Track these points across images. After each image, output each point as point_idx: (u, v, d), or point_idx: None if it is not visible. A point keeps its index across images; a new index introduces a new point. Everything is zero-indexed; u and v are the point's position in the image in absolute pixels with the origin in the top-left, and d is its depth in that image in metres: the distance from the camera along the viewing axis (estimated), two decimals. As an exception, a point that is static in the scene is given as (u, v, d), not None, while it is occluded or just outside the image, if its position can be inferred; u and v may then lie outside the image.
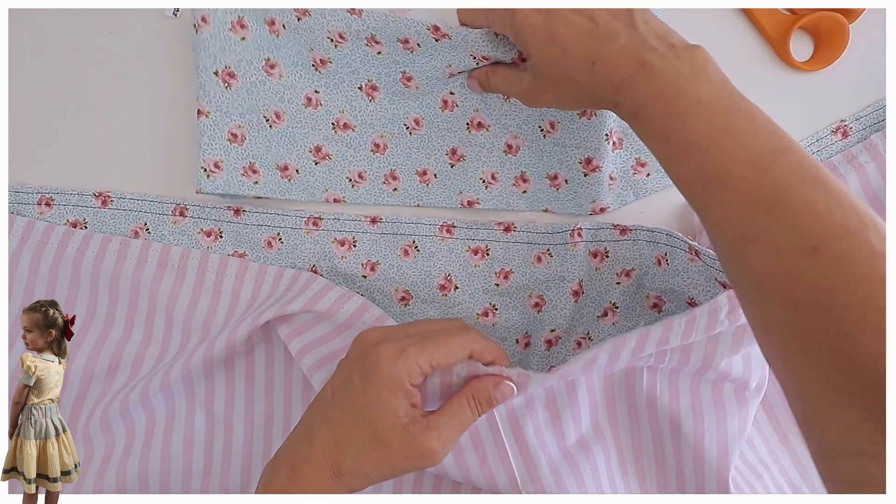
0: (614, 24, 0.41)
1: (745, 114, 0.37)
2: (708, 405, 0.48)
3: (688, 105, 0.38)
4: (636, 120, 0.40)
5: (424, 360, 0.40)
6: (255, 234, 0.54)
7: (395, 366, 0.39)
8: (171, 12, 0.55)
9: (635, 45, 0.40)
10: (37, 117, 0.55)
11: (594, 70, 0.41)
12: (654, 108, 0.39)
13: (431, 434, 0.40)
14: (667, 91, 0.38)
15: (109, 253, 0.53)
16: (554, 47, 0.42)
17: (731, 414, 0.48)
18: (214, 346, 0.50)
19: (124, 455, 0.52)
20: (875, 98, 0.55)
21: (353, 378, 0.40)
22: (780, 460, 0.52)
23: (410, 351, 0.39)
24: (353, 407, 0.40)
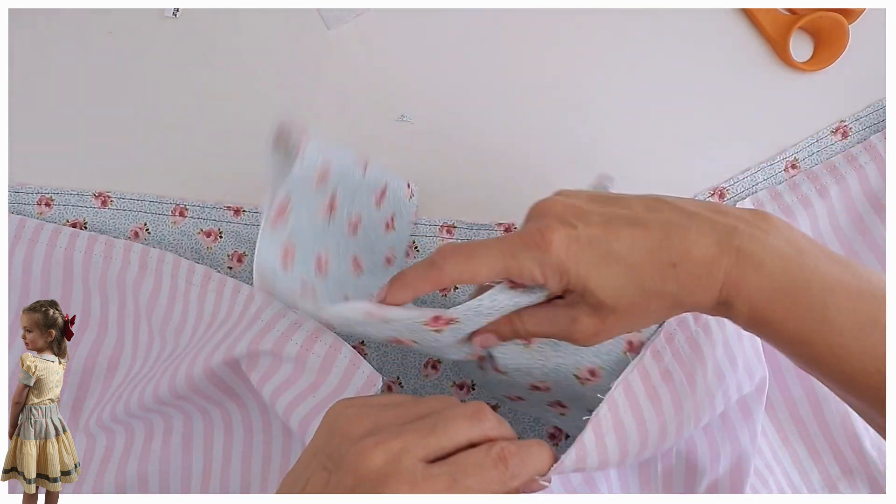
0: (669, 212, 0.35)
1: (867, 280, 0.33)
2: (721, 435, 0.46)
3: (824, 300, 0.32)
4: (757, 325, 0.34)
5: (424, 454, 0.31)
6: (255, 234, 0.54)
7: (385, 469, 0.30)
8: (171, 12, 0.55)
9: (717, 233, 0.34)
10: (37, 117, 0.55)
11: (678, 273, 0.34)
12: (781, 311, 0.33)
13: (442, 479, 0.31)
14: (792, 286, 0.33)
15: (114, 257, 0.53)
16: (614, 266, 0.34)
17: (741, 431, 0.46)
18: (195, 368, 0.47)
19: (124, 455, 0.52)
20: (875, 98, 0.55)
21: (329, 483, 0.31)
22: (782, 461, 0.52)
23: (444, 477, 0.30)
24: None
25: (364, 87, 0.56)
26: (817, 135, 0.55)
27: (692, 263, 0.33)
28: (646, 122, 0.55)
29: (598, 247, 0.34)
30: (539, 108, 0.55)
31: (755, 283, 0.33)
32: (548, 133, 0.55)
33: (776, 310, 0.33)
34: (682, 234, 0.34)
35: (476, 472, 0.30)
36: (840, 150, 0.54)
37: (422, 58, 0.56)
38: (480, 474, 0.30)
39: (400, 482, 0.30)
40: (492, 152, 0.55)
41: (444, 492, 0.30)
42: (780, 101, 0.55)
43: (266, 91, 0.56)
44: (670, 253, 0.34)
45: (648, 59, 0.56)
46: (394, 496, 0.40)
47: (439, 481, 0.30)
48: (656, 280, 0.34)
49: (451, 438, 0.32)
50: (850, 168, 0.53)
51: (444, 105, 0.55)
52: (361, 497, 0.34)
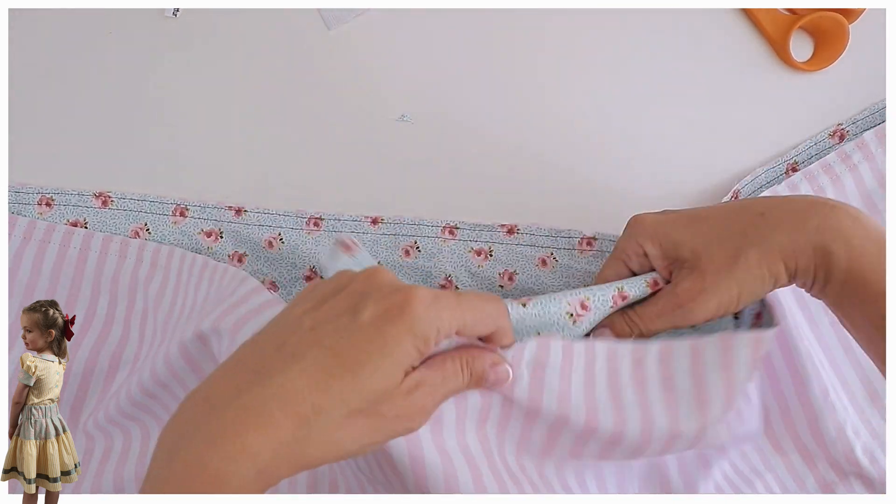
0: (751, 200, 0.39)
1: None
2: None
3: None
4: (852, 278, 0.36)
5: (457, 317, 0.32)
6: (255, 235, 0.54)
7: (428, 313, 0.30)
8: (171, 12, 0.55)
9: (791, 197, 0.38)
10: (37, 117, 0.55)
11: (768, 218, 0.37)
12: (873, 255, 0.35)
13: (424, 391, 0.32)
14: (877, 236, 0.35)
15: (111, 253, 0.53)
16: (701, 224, 0.39)
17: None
18: (171, 347, 0.47)
19: (123, 455, 0.52)
20: (875, 98, 0.55)
21: (359, 312, 0.31)
22: (774, 468, 0.52)
23: (445, 303, 0.31)
24: (350, 348, 0.30)
25: (364, 87, 0.56)
26: (815, 138, 0.55)
27: (781, 210, 0.36)
28: (646, 122, 0.55)
29: (684, 216, 0.40)
30: (539, 108, 0.55)
31: (849, 228, 0.35)
32: (547, 133, 0.55)
33: (871, 257, 0.34)
34: (764, 198, 0.38)
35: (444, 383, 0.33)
36: (836, 153, 0.54)
37: (422, 58, 0.56)
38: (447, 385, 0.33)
39: (422, 288, 0.31)
40: (492, 152, 0.55)
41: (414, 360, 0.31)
42: (780, 101, 0.55)
43: (266, 91, 0.56)
44: (756, 206, 0.37)
45: (648, 59, 0.56)
46: (391, 496, 0.40)
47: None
48: (747, 228, 0.36)
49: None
50: (844, 168, 0.53)
51: (444, 105, 0.55)
52: (360, 497, 0.34)
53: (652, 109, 0.55)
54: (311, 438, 0.29)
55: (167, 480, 0.28)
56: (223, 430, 0.28)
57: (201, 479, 0.27)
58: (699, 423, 0.37)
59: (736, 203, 0.39)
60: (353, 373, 0.29)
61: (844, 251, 0.35)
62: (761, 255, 0.37)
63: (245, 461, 0.28)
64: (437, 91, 0.56)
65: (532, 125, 0.55)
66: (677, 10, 0.56)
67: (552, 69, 0.56)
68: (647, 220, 0.42)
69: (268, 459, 0.28)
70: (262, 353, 0.31)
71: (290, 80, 0.56)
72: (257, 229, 0.54)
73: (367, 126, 0.55)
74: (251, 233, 0.54)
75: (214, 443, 0.28)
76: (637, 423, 0.37)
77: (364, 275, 0.33)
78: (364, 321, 0.30)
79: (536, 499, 0.45)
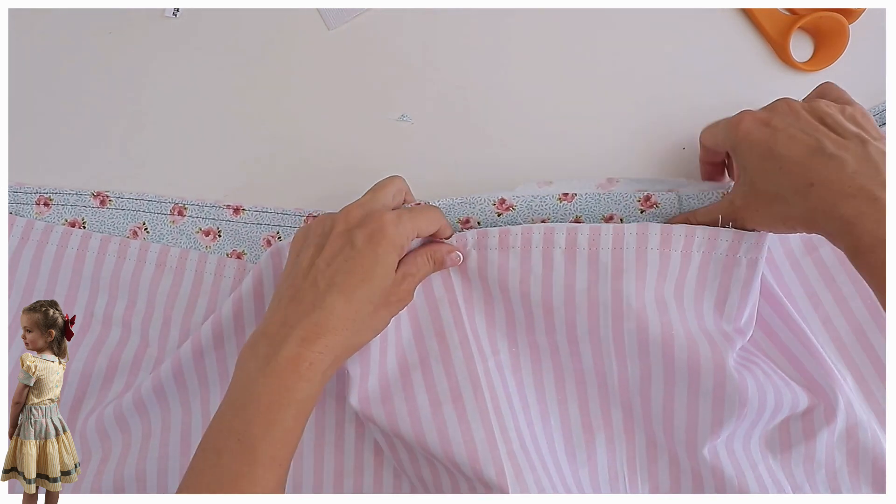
0: (845, 145, 0.40)
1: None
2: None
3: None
4: (857, 257, 0.38)
5: (415, 226, 0.44)
6: (254, 233, 0.54)
7: (397, 229, 0.43)
8: (171, 12, 0.55)
9: (865, 175, 0.38)
10: (36, 117, 0.55)
11: (811, 192, 0.39)
12: (882, 259, 0.37)
13: (408, 280, 0.45)
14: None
15: (109, 253, 0.53)
16: (770, 162, 0.41)
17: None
18: (201, 334, 0.50)
19: (122, 454, 0.52)
20: (876, 98, 0.55)
21: (354, 242, 0.43)
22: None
23: (405, 218, 0.44)
24: (361, 269, 0.42)
25: (364, 87, 0.56)
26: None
27: (828, 191, 0.39)
28: (646, 122, 0.55)
29: (768, 144, 0.42)
30: (539, 108, 0.55)
31: (869, 230, 0.37)
32: (547, 132, 0.55)
33: (878, 258, 0.37)
34: (840, 166, 0.39)
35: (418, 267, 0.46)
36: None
37: (422, 58, 0.56)
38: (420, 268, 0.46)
39: (387, 212, 0.43)
40: (492, 152, 0.55)
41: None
42: (780, 102, 0.55)
43: (266, 91, 0.56)
44: (817, 175, 0.39)
45: (648, 60, 0.56)
46: (392, 496, 0.43)
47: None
48: (790, 190, 0.41)
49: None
50: None
51: (444, 105, 0.55)
52: (361, 497, 0.36)
53: (652, 109, 0.55)
54: (358, 331, 0.43)
55: (274, 371, 0.40)
56: (307, 336, 0.41)
57: (302, 366, 0.40)
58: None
59: (811, 160, 0.40)
60: (367, 282, 0.42)
61: (869, 240, 0.38)
62: (798, 211, 0.41)
63: (327, 353, 0.41)
64: (437, 91, 0.56)
65: (532, 125, 0.55)
66: (677, 10, 0.56)
67: (551, 68, 0.56)
68: (744, 120, 0.44)
69: (338, 350, 0.42)
70: (303, 292, 0.43)
71: (290, 80, 0.56)
72: (255, 228, 0.54)
73: (367, 126, 0.55)
74: (249, 231, 0.54)
75: (305, 344, 0.41)
76: (561, 286, 0.47)
77: (340, 216, 0.44)
78: (360, 247, 0.42)
79: (536, 499, 0.45)
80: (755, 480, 0.48)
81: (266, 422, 0.39)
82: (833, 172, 0.39)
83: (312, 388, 0.41)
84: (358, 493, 0.51)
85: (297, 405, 0.40)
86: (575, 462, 0.49)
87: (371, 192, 0.46)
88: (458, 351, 0.47)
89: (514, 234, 0.47)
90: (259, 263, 0.51)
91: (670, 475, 0.50)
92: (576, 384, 0.50)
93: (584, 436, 0.50)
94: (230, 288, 0.53)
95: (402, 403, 0.47)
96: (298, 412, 0.40)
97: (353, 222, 0.44)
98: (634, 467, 0.50)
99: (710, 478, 0.48)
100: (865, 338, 0.52)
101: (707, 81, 0.55)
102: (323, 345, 0.41)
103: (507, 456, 0.45)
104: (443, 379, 0.47)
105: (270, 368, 0.40)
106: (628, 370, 0.48)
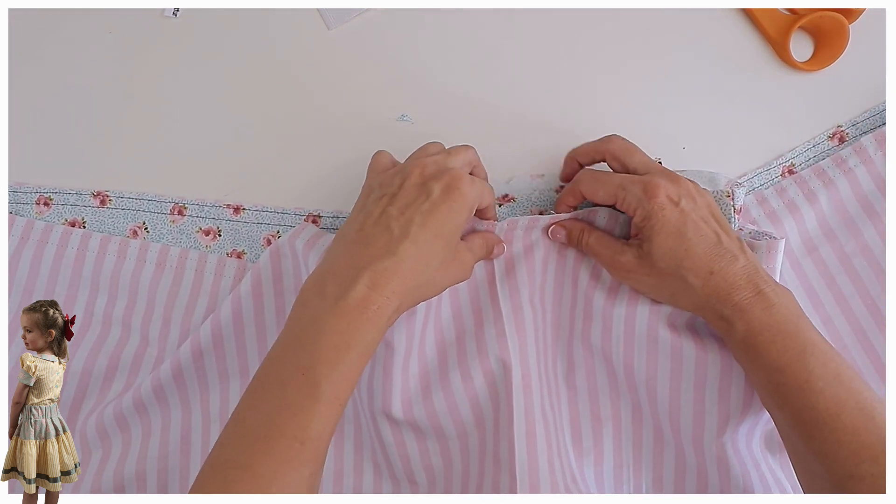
0: (733, 244, 0.45)
1: (844, 361, 0.42)
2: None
3: (804, 345, 0.42)
4: (746, 346, 0.43)
5: (481, 193, 0.45)
6: (254, 232, 0.54)
7: (472, 188, 0.43)
8: (171, 12, 0.55)
9: (750, 272, 0.44)
10: (36, 117, 0.55)
11: (710, 279, 0.44)
12: (770, 339, 0.42)
13: (470, 252, 0.46)
14: (785, 327, 0.42)
15: (109, 253, 0.53)
16: (679, 243, 0.44)
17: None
18: (200, 334, 0.50)
19: (122, 454, 0.52)
20: (876, 98, 0.55)
21: (430, 194, 0.43)
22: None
23: (478, 181, 0.44)
24: (435, 221, 0.42)
25: (364, 87, 0.56)
26: (814, 140, 0.55)
27: (723, 280, 0.43)
28: (646, 122, 0.55)
29: (678, 225, 0.44)
30: (539, 108, 0.55)
31: (759, 317, 0.42)
32: (547, 132, 0.55)
33: (765, 338, 0.42)
34: (732, 260, 0.44)
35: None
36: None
37: (422, 58, 0.56)
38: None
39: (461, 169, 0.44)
40: (492, 152, 0.55)
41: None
42: (780, 101, 0.55)
43: (266, 91, 0.56)
44: (716, 265, 0.44)
45: (648, 59, 0.56)
46: (392, 496, 0.43)
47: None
48: (693, 273, 0.44)
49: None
50: (839, 172, 0.53)
51: (444, 105, 0.55)
52: (361, 497, 0.37)
53: (652, 109, 0.55)
54: (424, 283, 0.43)
55: (342, 311, 0.40)
56: (377, 280, 0.40)
57: (370, 309, 0.40)
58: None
59: (716, 249, 0.44)
60: (440, 235, 0.42)
61: (743, 330, 0.43)
62: (684, 296, 0.45)
63: (394, 298, 0.41)
64: (437, 91, 0.56)
65: (532, 125, 0.55)
66: (677, 10, 0.56)
67: (551, 68, 0.56)
68: (659, 195, 0.45)
69: (404, 297, 0.41)
70: (375, 237, 0.42)
71: (291, 80, 0.56)
72: (255, 227, 0.54)
73: (367, 126, 0.55)
74: (249, 231, 0.54)
75: (374, 287, 0.40)
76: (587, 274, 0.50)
77: (415, 168, 0.44)
78: (436, 199, 0.42)
79: (535, 499, 0.45)
80: (759, 479, 0.48)
81: (332, 361, 0.39)
82: (728, 265, 0.43)
83: (377, 332, 0.41)
84: (358, 493, 0.51)
85: (362, 347, 0.40)
86: (580, 451, 0.50)
87: (444, 153, 0.46)
88: (491, 329, 0.48)
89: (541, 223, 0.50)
90: (258, 263, 0.51)
91: (675, 469, 0.50)
92: (586, 374, 0.51)
93: (591, 424, 0.51)
94: (230, 287, 0.53)
95: (438, 389, 0.48)
96: (362, 354, 0.40)
97: (429, 175, 0.44)
98: (640, 459, 0.50)
99: (716, 475, 0.48)
100: (866, 338, 0.52)
101: (707, 81, 0.55)
102: (391, 290, 0.41)
103: (525, 436, 0.46)
104: (475, 356, 0.48)
105: (339, 308, 0.40)
106: (634, 361, 0.48)
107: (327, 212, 0.54)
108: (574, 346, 0.51)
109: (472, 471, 0.49)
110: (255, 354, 0.53)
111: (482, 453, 0.48)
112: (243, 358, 0.52)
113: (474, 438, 0.48)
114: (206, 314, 0.52)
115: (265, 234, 0.54)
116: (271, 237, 0.54)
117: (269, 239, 0.54)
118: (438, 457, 0.49)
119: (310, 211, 0.54)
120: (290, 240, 0.51)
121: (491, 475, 0.47)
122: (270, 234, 0.54)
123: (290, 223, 0.54)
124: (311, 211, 0.54)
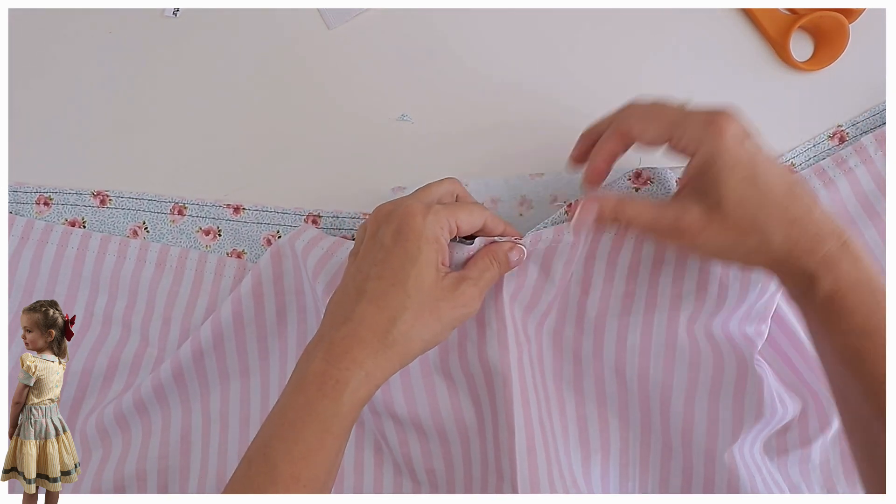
0: (806, 186, 0.39)
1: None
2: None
3: (886, 302, 0.37)
4: (828, 306, 0.37)
5: (451, 216, 0.40)
6: (254, 232, 0.54)
7: (426, 220, 0.39)
8: (171, 12, 0.55)
9: (832, 219, 0.38)
10: (36, 117, 0.55)
11: (792, 230, 0.38)
12: (858, 300, 0.37)
13: (468, 283, 0.40)
14: (875, 285, 0.37)
15: (109, 253, 0.53)
16: (754, 189, 0.38)
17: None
18: (201, 334, 0.50)
19: (123, 454, 0.52)
20: (876, 98, 0.55)
21: (382, 243, 0.39)
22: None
23: (437, 208, 0.40)
24: (391, 271, 0.38)
25: (364, 87, 0.56)
26: (814, 139, 0.55)
27: (806, 231, 0.37)
28: (646, 122, 0.55)
29: (751, 166, 0.38)
30: (538, 108, 0.55)
31: (846, 271, 0.37)
32: (547, 133, 0.55)
33: (853, 298, 0.37)
34: (812, 208, 0.38)
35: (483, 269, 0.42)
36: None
37: (422, 58, 0.56)
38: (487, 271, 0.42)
39: (414, 202, 0.40)
40: (492, 152, 0.55)
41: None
42: (780, 101, 0.55)
43: (266, 91, 0.56)
44: (797, 213, 0.38)
45: (648, 59, 0.56)
46: (393, 496, 0.43)
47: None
48: (772, 222, 0.38)
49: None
50: (839, 172, 0.53)
51: (444, 105, 0.55)
52: (361, 497, 0.36)
53: (651, 109, 0.55)
54: (395, 342, 0.38)
55: (300, 387, 0.38)
56: (333, 351, 0.38)
57: (327, 384, 0.37)
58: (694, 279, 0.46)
59: (795, 195, 0.38)
60: (399, 285, 0.38)
61: (829, 287, 0.37)
62: (761, 252, 0.39)
63: (356, 369, 0.37)
64: (437, 91, 0.56)
65: (532, 125, 0.55)
66: (677, 9, 0.56)
67: (551, 68, 0.56)
68: (728, 131, 0.39)
69: (370, 366, 0.38)
70: (339, 304, 0.40)
71: (291, 80, 0.56)
72: (256, 227, 0.54)
73: (367, 126, 0.55)
74: (250, 230, 0.54)
75: (330, 360, 0.38)
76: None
77: (372, 216, 0.41)
78: (388, 246, 0.39)
79: (536, 499, 0.45)
80: (762, 483, 0.48)
81: (288, 439, 0.37)
82: (808, 212, 0.38)
83: (339, 407, 0.37)
84: (358, 493, 0.51)
85: (321, 424, 0.37)
86: (588, 451, 0.50)
87: (417, 190, 0.43)
88: (493, 339, 0.45)
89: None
90: (258, 263, 0.51)
91: (682, 477, 0.50)
92: (594, 381, 0.50)
93: (599, 425, 0.50)
94: (230, 287, 0.53)
95: (441, 386, 0.48)
96: (324, 431, 0.37)
97: (381, 220, 0.40)
98: (647, 460, 0.50)
99: (724, 483, 0.48)
100: None
101: (707, 81, 0.55)
102: (350, 360, 0.37)
103: (526, 451, 0.45)
104: (476, 363, 0.47)
105: (299, 384, 0.38)
106: (650, 371, 0.48)
107: (327, 212, 0.54)
108: (583, 354, 0.49)
109: (474, 475, 0.48)
110: (256, 354, 0.53)
111: (484, 461, 0.48)
112: (243, 358, 0.52)
113: (476, 444, 0.48)
114: (206, 314, 0.52)
115: (265, 234, 0.54)
116: (271, 237, 0.54)
117: (269, 239, 0.54)
118: (440, 459, 0.49)
119: (310, 211, 0.54)
120: (290, 241, 0.51)
121: (494, 485, 0.47)
122: (270, 234, 0.54)
123: (290, 223, 0.54)
124: (311, 211, 0.54)
